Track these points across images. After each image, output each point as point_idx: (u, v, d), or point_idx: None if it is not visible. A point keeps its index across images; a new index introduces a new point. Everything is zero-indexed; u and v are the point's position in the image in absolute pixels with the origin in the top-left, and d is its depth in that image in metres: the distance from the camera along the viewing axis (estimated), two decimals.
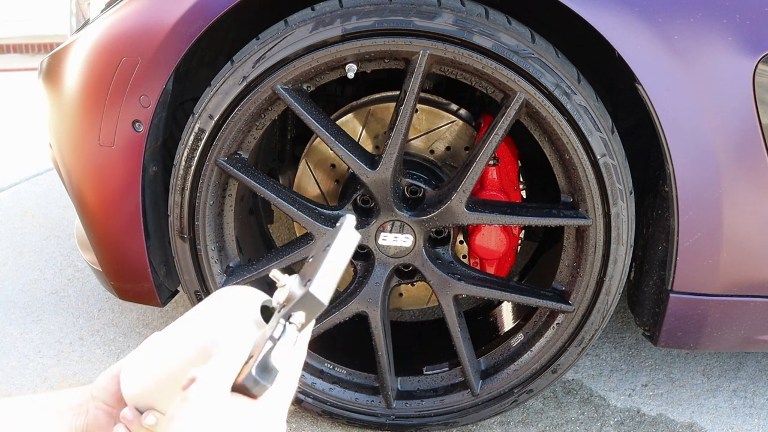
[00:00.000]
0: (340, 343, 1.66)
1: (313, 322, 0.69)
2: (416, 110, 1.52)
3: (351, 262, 1.54)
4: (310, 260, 0.73)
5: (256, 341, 0.70)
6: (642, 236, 1.43)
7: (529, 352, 1.45)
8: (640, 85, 1.19)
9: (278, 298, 0.71)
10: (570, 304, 1.38)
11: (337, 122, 1.55)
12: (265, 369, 0.66)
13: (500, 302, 1.76)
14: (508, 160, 1.52)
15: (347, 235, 0.71)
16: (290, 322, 0.67)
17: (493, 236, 1.51)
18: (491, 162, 1.49)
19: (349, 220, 0.72)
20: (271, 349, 0.66)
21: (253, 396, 0.65)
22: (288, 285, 0.71)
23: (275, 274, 0.73)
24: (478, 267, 1.56)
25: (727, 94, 1.18)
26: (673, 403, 1.66)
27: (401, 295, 1.76)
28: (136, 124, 1.36)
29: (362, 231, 1.40)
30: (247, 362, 0.67)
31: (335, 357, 1.57)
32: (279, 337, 0.67)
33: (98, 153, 1.40)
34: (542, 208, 1.37)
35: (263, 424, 0.64)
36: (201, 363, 0.69)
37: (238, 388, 0.66)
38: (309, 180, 1.65)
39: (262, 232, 1.83)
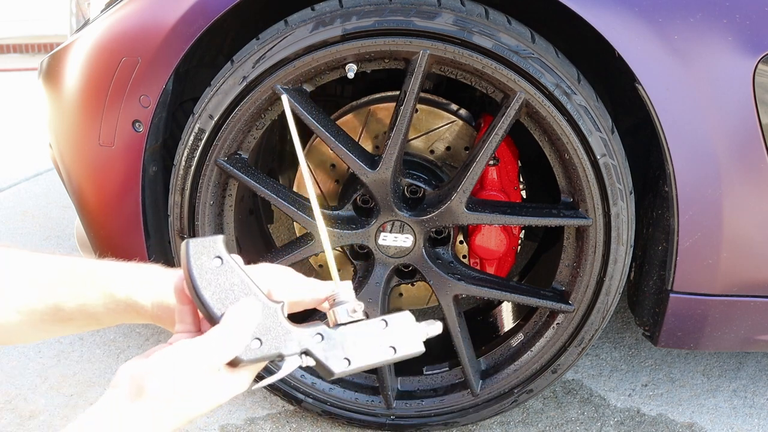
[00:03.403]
0: None
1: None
2: (416, 110, 1.52)
3: (351, 262, 1.54)
4: (362, 322, 0.74)
5: (269, 326, 0.71)
6: (642, 236, 1.43)
7: (529, 352, 1.45)
8: (640, 85, 1.19)
9: (334, 316, 0.73)
10: (570, 304, 1.38)
11: (337, 122, 1.55)
12: (254, 363, 0.69)
13: (500, 302, 1.76)
14: (508, 160, 1.52)
15: (406, 357, 0.75)
16: (301, 357, 0.70)
17: (493, 236, 1.51)
18: (491, 162, 1.49)
19: (420, 350, 0.76)
20: (273, 360, 0.70)
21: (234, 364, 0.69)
22: (346, 318, 0.73)
23: (348, 287, 0.75)
24: (478, 267, 1.56)
25: (727, 94, 1.18)
26: (673, 403, 1.66)
27: (401, 295, 1.76)
28: (136, 124, 1.36)
29: (362, 231, 1.40)
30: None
31: None
32: (284, 357, 0.70)
33: (98, 153, 1.40)
34: (542, 208, 1.37)
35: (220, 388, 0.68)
36: None
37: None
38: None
39: (262, 232, 1.83)
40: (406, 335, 0.75)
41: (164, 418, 0.65)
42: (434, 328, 0.79)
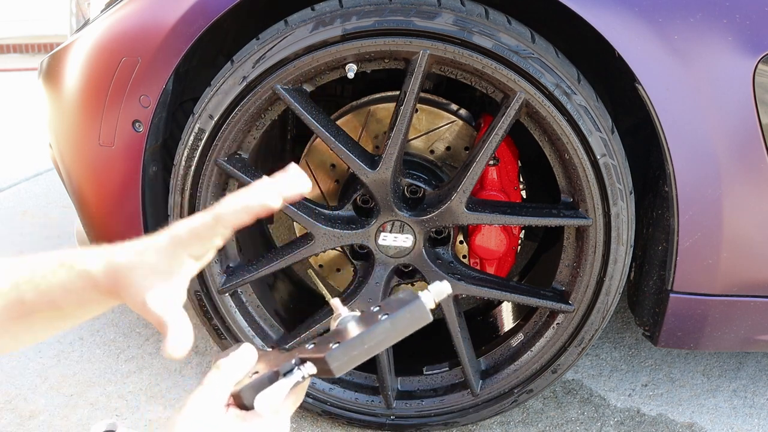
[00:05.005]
0: None
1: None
2: (416, 110, 1.52)
3: (351, 262, 1.54)
4: (358, 315, 0.70)
5: (269, 359, 0.70)
6: (642, 236, 1.43)
7: (529, 352, 1.45)
8: (640, 85, 1.19)
9: (332, 325, 0.71)
10: (570, 304, 1.38)
11: (337, 122, 1.55)
12: (257, 390, 0.66)
13: (500, 302, 1.76)
14: (508, 160, 1.52)
15: (408, 322, 0.65)
16: (299, 368, 0.67)
17: (493, 236, 1.51)
18: (491, 162, 1.49)
19: (421, 305, 0.65)
20: (270, 379, 0.67)
21: (245, 408, 0.67)
22: (339, 321, 0.70)
23: (335, 303, 0.73)
24: (478, 267, 1.56)
25: (727, 94, 1.18)
26: (673, 403, 1.66)
27: None
28: (136, 124, 1.36)
29: (362, 231, 1.40)
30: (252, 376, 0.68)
31: None
32: (284, 374, 0.67)
33: (98, 153, 1.40)
34: (542, 208, 1.37)
35: None
36: None
37: (236, 397, 0.68)
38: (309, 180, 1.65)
39: (262, 232, 1.83)
40: (402, 304, 0.66)
41: None
42: (441, 287, 0.67)
